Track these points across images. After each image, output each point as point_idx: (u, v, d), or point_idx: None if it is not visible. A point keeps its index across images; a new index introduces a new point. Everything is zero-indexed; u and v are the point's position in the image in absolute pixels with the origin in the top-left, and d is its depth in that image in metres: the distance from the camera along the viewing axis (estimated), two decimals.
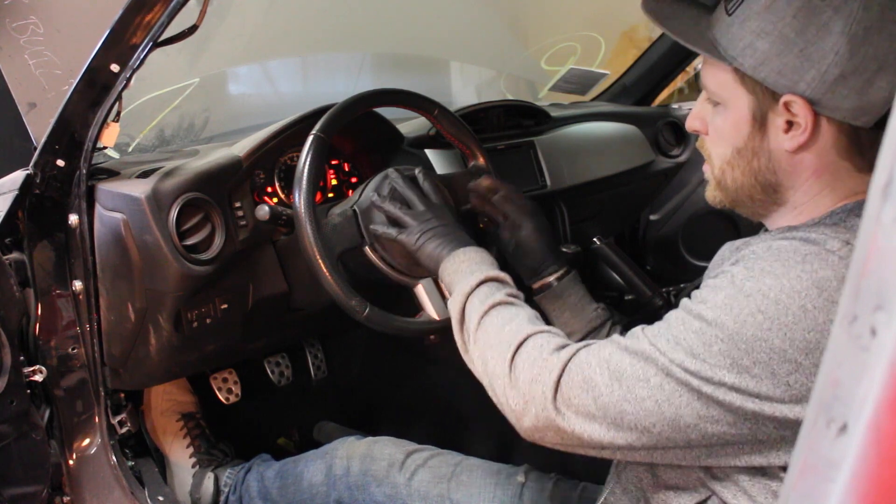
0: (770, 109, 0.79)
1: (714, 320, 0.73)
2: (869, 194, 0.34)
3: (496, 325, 0.88)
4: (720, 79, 0.81)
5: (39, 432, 1.05)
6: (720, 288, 0.75)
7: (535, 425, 0.80)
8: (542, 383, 0.79)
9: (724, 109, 0.83)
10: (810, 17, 0.73)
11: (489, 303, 0.90)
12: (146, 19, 0.97)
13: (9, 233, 1.09)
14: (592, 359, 0.78)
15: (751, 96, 0.79)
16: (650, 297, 1.38)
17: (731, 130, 0.82)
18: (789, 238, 0.76)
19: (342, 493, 1.17)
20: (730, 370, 0.71)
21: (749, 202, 0.86)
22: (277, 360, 1.68)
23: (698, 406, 0.73)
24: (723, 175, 0.86)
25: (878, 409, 0.31)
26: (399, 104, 1.24)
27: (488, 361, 0.86)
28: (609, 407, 0.76)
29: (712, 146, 0.86)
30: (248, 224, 1.18)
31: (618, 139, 1.83)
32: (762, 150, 0.81)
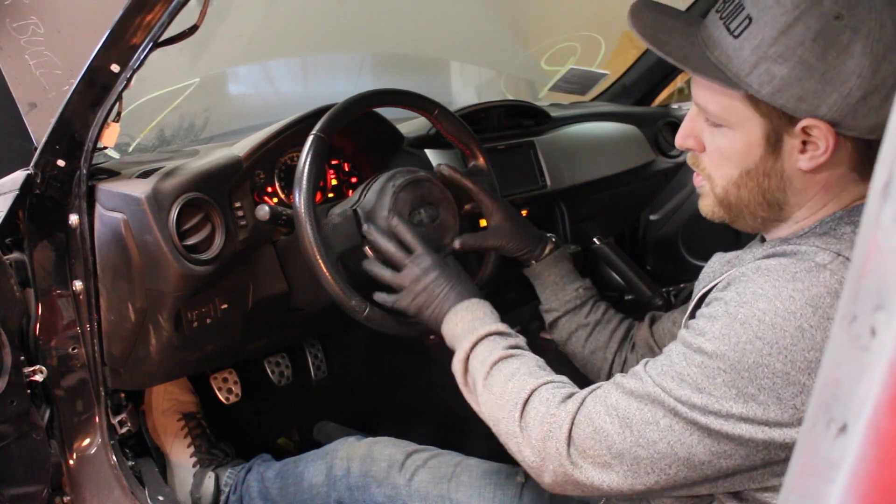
0: (785, 132, 0.76)
1: (714, 352, 0.72)
2: (869, 194, 0.34)
3: (500, 383, 0.87)
4: (725, 103, 0.78)
5: (39, 432, 1.05)
6: (716, 318, 0.75)
7: (555, 480, 0.81)
8: (554, 439, 0.79)
9: (731, 132, 0.80)
10: (830, 39, 0.71)
11: (490, 360, 0.90)
12: (146, 19, 0.97)
13: (9, 233, 1.09)
14: (600, 407, 0.78)
15: (764, 120, 0.77)
16: (650, 297, 1.38)
17: (741, 153, 0.80)
18: (778, 255, 0.75)
19: (342, 493, 1.17)
20: (736, 400, 0.71)
21: (751, 218, 0.85)
22: (277, 360, 1.68)
23: (710, 443, 0.73)
24: (726, 194, 0.84)
25: (877, 410, 0.31)
26: (399, 104, 1.24)
27: (500, 421, 0.86)
28: (624, 454, 0.76)
29: (714, 167, 0.84)
30: (248, 224, 1.18)
31: (618, 139, 1.83)
32: (774, 170, 0.79)
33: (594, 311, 1.17)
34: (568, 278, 1.18)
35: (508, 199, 1.41)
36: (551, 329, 1.21)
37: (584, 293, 1.18)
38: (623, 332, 1.16)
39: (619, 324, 1.17)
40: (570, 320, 1.18)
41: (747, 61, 0.75)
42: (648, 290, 1.39)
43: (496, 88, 2.96)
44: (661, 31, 0.82)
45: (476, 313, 0.99)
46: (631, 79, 2.07)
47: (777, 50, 0.73)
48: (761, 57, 0.73)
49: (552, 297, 1.19)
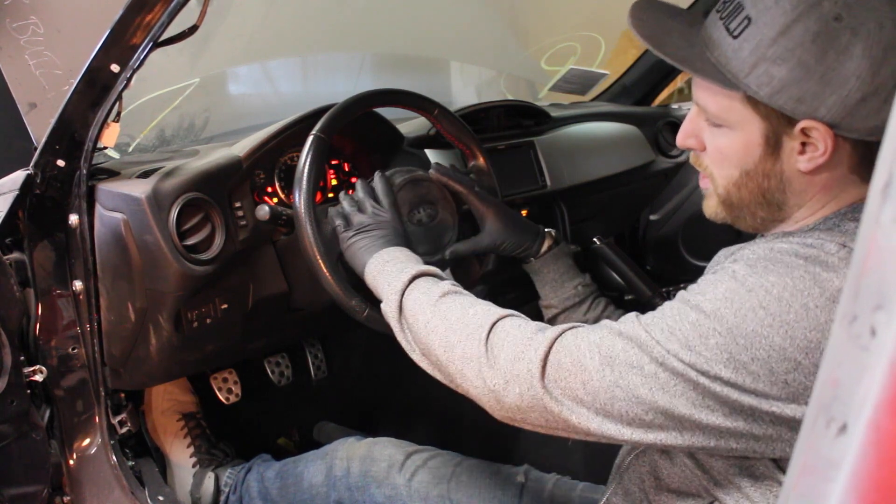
0: (784, 133, 0.76)
1: (713, 312, 0.71)
2: (869, 194, 0.34)
3: (458, 310, 0.84)
4: (725, 104, 0.78)
5: (39, 432, 1.05)
6: (720, 281, 0.74)
7: (518, 405, 0.77)
8: (527, 360, 0.77)
9: (731, 132, 0.80)
10: (829, 41, 0.70)
11: (438, 292, 0.87)
12: (146, 19, 0.97)
13: (9, 233, 1.09)
14: (581, 342, 0.76)
15: (763, 121, 0.77)
16: (650, 297, 1.38)
17: (740, 153, 0.80)
18: (788, 241, 0.76)
19: (342, 493, 1.17)
20: (726, 365, 0.70)
21: (751, 218, 0.85)
22: (277, 360, 1.68)
23: (694, 396, 0.71)
24: (728, 194, 0.84)
25: (877, 409, 0.31)
26: (399, 104, 1.24)
27: (455, 346, 0.82)
28: (599, 392, 0.74)
29: (715, 166, 0.84)
30: (248, 224, 1.18)
31: (618, 139, 1.83)
32: (774, 171, 0.79)
33: (593, 309, 1.17)
34: (567, 275, 1.18)
35: (508, 199, 1.41)
36: (550, 325, 1.21)
37: (584, 290, 1.17)
38: None
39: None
40: (568, 317, 1.17)
41: (746, 62, 0.74)
42: (648, 290, 1.38)
43: (496, 88, 2.96)
44: (660, 32, 0.82)
45: (409, 257, 0.97)
46: (631, 79, 2.07)
47: (776, 51, 0.72)
48: (760, 58, 0.73)
49: (551, 293, 1.18)
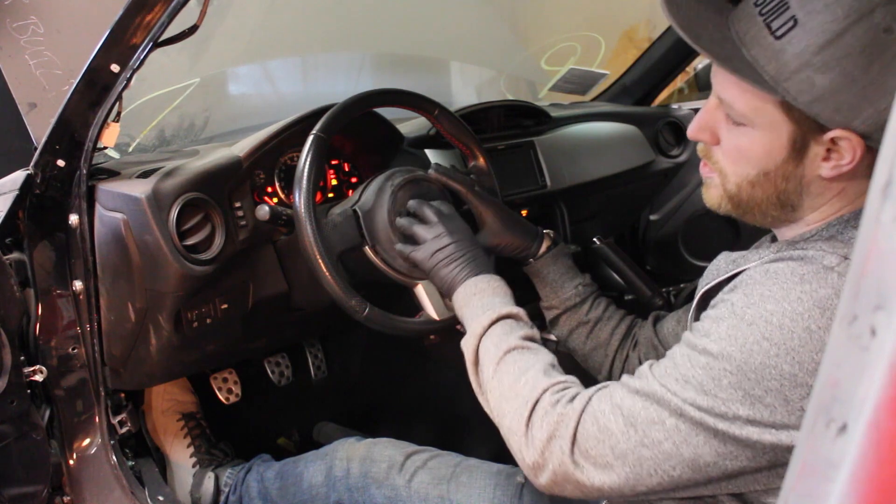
0: (813, 139, 0.75)
1: (720, 353, 0.72)
2: (869, 194, 0.34)
3: (512, 375, 0.86)
4: (755, 105, 0.76)
5: (39, 432, 1.05)
6: (721, 319, 0.74)
7: (554, 480, 0.80)
8: (559, 438, 0.78)
9: (753, 132, 0.78)
10: (877, 53, 0.68)
11: (505, 346, 0.89)
12: (146, 19, 0.97)
13: (9, 233, 1.09)
14: (605, 405, 0.77)
15: (794, 126, 0.75)
16: (650, 297, 1.38)
17: (761, 155, 0.78)
18: (785, 259, 0.75)
19: (342, 494, 1.16)
20: (742, 403, 0.70)
21: (761, 216, 0.84)
22: (277, 360, 1.68)
23: (716, 444, 0.72)
24: (739, 191, 0.82)
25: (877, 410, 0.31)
26: (399, 104, 1.24)
27: (505, 416, 0.84)
28: (627, 454, 0.75)
29: (729, 163, 0.82)
30: (248, 224, 1.18)
31: (618, 139, 1.83)
32: (794, 175, 0.78)
33: (594, 308, 1.17)
34: (567, 275, 1.18)
35: (508, 199, 1.41)
36: (552, 326, 1.21)
37: (584, 290, 1.17)
38: (624, 329, 1.16)
39: (621, 321, 1.17)
40: (570, 318, 1.17)
41: (788, 66, 0.72)
42: (648, 290, 1.38)
43: (496, 88, 2.96)
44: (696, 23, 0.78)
45: (496, 290, 0.98)
46: (631, 79, 2.07)
47: (822, 59, 0.70)
48: (804, 64, 0.71)
49: (552, 294, 1.18)
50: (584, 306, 1.17)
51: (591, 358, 1.18)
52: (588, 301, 1.17)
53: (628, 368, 1.15)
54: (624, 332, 1.16)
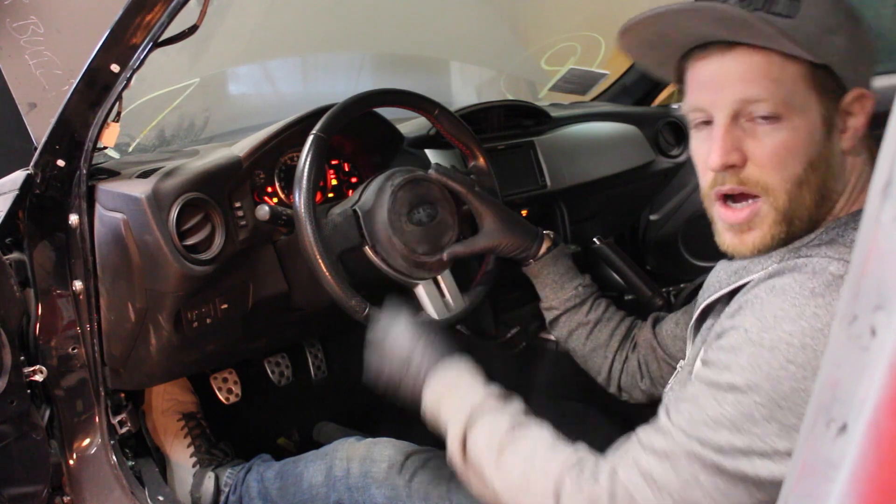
0: (835, 111, 0.76)
1: (747, 385, 0.68)
2: (869, 194, 0.34)
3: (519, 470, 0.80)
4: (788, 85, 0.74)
5: (39, 432, 1.05)
6: (739, 348, 0.70)
7: None
8: None
9: (790, 122, 0.74)
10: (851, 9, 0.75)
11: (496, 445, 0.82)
12: (146, 19, 0.97)
13: (9, 233, 1.09)
14: (635, 477, 0.73)
15: (822, 99, 0.75)
16: (650, 297, 1.38)
17: (805, 142, 0.75)
18: (789, 271, 0.72)
19: (342, 494, 1.16)
20: (779, 435, 0.67)
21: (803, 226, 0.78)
22: (277, 360, 1.68)
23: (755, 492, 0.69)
24: (789, 203, 0.76)
25: (877, 410, 0.31)
26: (399, 104, 1.24)
27: None
28: None
29: (770, 171, 0.76)
30: (248, 224, 1.18)
31: (618, 139, 1.83)
32: (831, 156, 0.76)
33: (594, 309, 1.17)
34: (567, 276, 1.18)
35: (508, 199, 1.41)
36: (551, 327, 1.21)
37: (584, 291, 1.17)
38: (624, 330, 1.16)
39: (620, 322, 1.17)
40: (570, 319, 1.17)
41: (811, 35, 0.73)
42: (648, 291, 1.38)
43: (496, 88, 2.96)
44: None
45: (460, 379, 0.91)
46: (631, 79, 2.07)
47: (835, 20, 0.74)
48: (824, 29, 0.73)
49: (552, 295, 1.18)
50: (584, 307, 1.17)
51: (590, 359, 1.18)
52: (588, 302, 1.17)
53: (627, 370, 1.15)
54: (623, 333, 1.16)
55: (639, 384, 1.14)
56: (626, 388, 1.16)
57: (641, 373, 1.13)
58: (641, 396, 1.15)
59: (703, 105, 0.79)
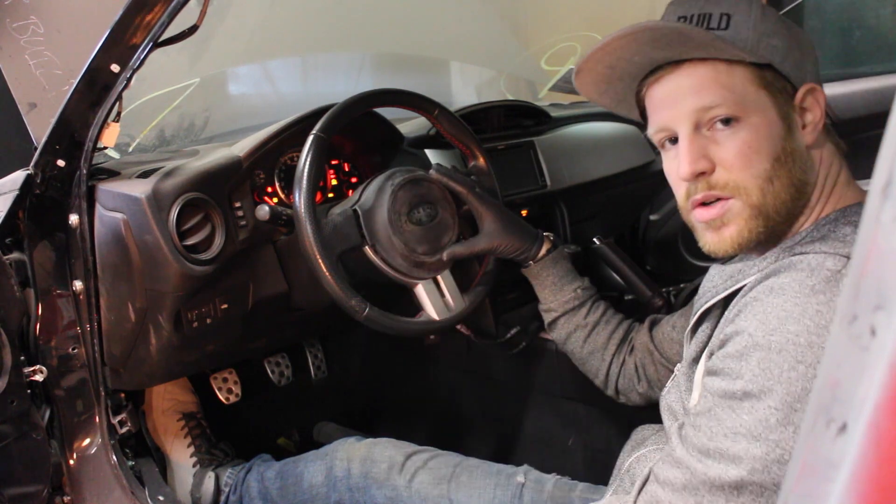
0: (790, 108, 0.79)
1: (760, 391, 0.69)
2: (869, 194, 0.34)
3: None
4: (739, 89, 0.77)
5: (40, 432, 1.05)
6: (746, 354, 0.71)
7: None
8: None
9: (748, 121, 0.77)
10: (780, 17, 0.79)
11: None
12: (146, 19, 0.97)
13: (9, 233, 1.09)
14: None
15: (776, 96, 0.78)
16: (650, 297, 1.38)
17: (766, 139, 0.77)
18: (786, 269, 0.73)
19: (343, 494, 1.16)
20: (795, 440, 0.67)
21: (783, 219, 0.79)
22: (277, 360, 1.68)
23: None
24: (763, 196, 0.78)
25: (877, 410, 0.31)
26: (399, 104, 1.24)
27: None
28: None
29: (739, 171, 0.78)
30: (248, 224, 1.18)
31: (618, 139, 1.83)
32: (795, 150, 0.78)
33: (593, 312, 1.17)
34: (567, 278, 1.18)
35: (508, 199, 1.41)
36: (550, 329, 1.21)
37: (583, 293, 1.17)
38: (622, 333, 1.16)
39: (619, 325, 1.17)
40: (568, 321, 1.17)
41: (749, 39, 0.78)
42: (648, 291, 1.38)
43: (496, 88, 2.96)
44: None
45: None
46: None
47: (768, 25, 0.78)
48: (760, 33, 0.77)
49: (551, 297, 1.18)
50: (582, 309, 1.17)
51: (588, 362, 1.18)
52: (587, 304, 1.17)
53: (624, 373, 1.15)
54: (621, 336, 1.16)
55: (636, 387, 1.14)
56: (624, 390, 1.16)
57: (638, 376, 1.13)
58: (639, 399, 1.15)
59: (665, 123, 0.82)
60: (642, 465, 0.94)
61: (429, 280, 1.18)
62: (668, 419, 0.91)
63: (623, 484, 0.95)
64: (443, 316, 1.18)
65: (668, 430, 0.90)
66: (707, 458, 0.72)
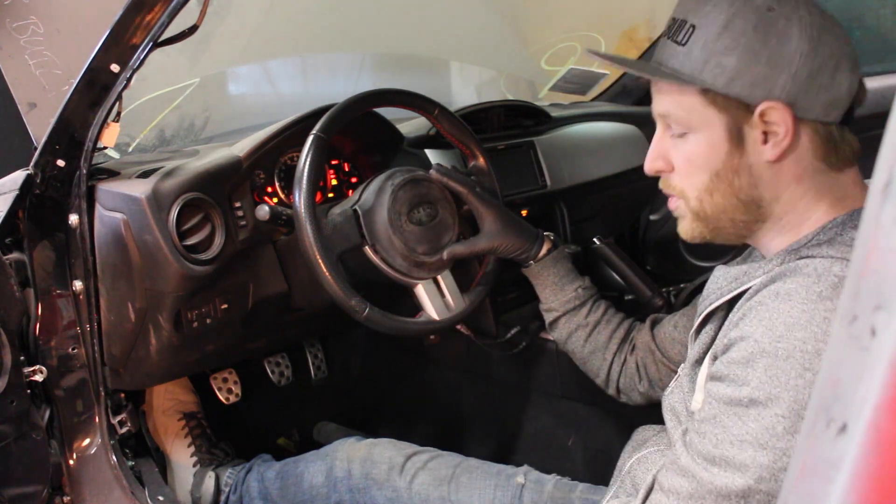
0: (745, 123, 0.78)
1: (768, 398, 0.68)
2: (869, 194, 0.34)
3: None
4: (686, 104, 0.80)
5: (39, 432, 1.05)
6: (752, 361, 0.71)
7: None
8: None
9: (694, 136, 0.81)
10: (768, 27, 0.75)
11: None
12: (146, 19, 0.97)
13: (9, 233, 1.09)
14: None
15: (723, 115, 0.78)
16: (650, 297, 1.38)
17: (707, 154, 0.80)
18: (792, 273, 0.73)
19: (343, 495, 1.16)
20: None
21: (731, 226, 0.83)
22: (277, 360, 1.68)
23: None
24: (701, 204, 0.83)
25: (877, 409, 0.31)
26: (399, 104, 1.24)
27: None
28: None
29: (684, 178, 0.84)
30: (248, 224, 1.18)
31: (618, 139, 1.83)
32: (742, 166, 0.79)
33: (594, 311, 1.17)
34: (567, 278, 1.18)
35: (508, 199, 1.41)
36: (551, 329, 1.21)
37: (584, 293, 1.17)
38: (623, 333, 1.16)
39: (619, 324, 1.17)
40: (569, 320, 1.17)
41: (698, 60, 0.78)
42: (648, 291, 1.38)
43: (496, 88, 2.96)
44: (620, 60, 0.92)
45: None
46: (631, 79, 2.07)
47: (723, 43, 0.76)
48: (710, 52, 0.77)
49: (551, 297, 1.18)
50: (583, 309, 1.17)
51: (589, 361, 1.18)
52: (588, 304, 1.17)
53: (626, 373, 1.15)
54: (622, 336, 1.16)
55: (637, 386, 1.14)
56: (625, 390, 1.16)
57: (640, 375, 1.13)
58: (640, 399, 1.15)
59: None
60: (643, 467, 0.94)
61: (429, 280, 1.18)
62: (671, 420, 0.91)
63: (624, 485, 0.95)
64: (443, 316, 1.18)
65: (672, 433, 0.90)
66: (713, 466, 0.72)
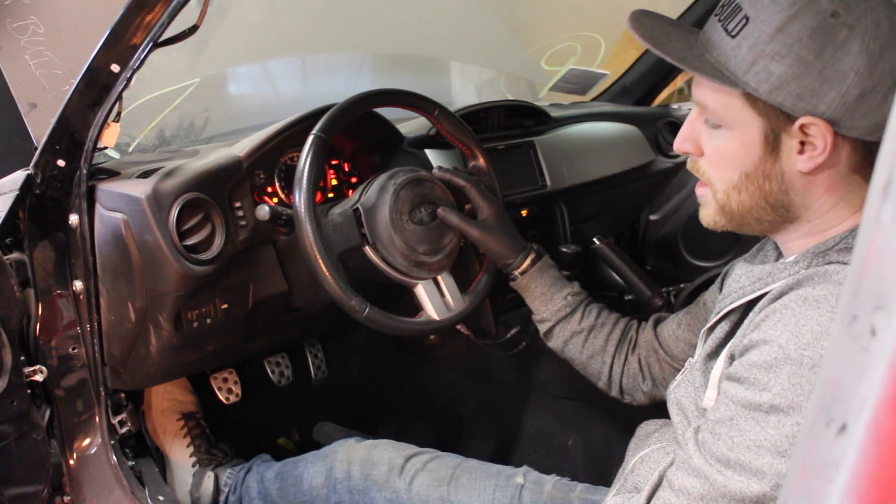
0: (783, 131, 0.75)
1: (789, 407, 0.67)
2: (869, 194, 0.34)
3: None
4: (725, 101, 0.78)
5: (40, 432, 1.05)
6: (776, 367, 0.69)
7: None
8: None
9: (729, 132, 0.79)
10: (827, 37, 0.70)
11: None
12: (146, 19, 0.97)
13: (9, 233, 1.09)
14: None
15: (762, 119, 0.76)
16: (650, 297, 1.38)
17: (739, 154, 0.78)
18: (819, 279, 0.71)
19: (343, 496, 1.16)
20: None
21: (756, 223, 0.82)
22: (277, 360, 1.68)
23: None
24: (728, 199, 0.82)
25: (877, 409, 0.31)
26: (399, 104, 1.24)
27: None
28: None
29: (713, 170, 0.82)
30: (248, 224, 1.18)
31: (618, 139, 1.83)
32: (774, 172, 0.78)
33: (587, 317, 1.16)
34: (555, 287, 1.17)
35: (508, 199, 1.41)
36: (546, 338, 1.20)
37: (574, 299, 1.16)
38: (619, 333, 1.15)
39: (615, 325, 1.16)
40: (563, 328, 1.17)
41: (745, 59, 0.74)
42: (648, 290, 1.38)
43: (496, 88, 2.96)
44: (659, 35, 0.82)
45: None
46: (631, 79, 2.07)
47: (774, 47, 0.72)
48: (758, 55, 0.73)
49: (542, 307, 1.17)
50: (575, 315, 1.16)
51: (589, 366, 1.17)
52: (579, 310, 1.16)
53: (628, 373, 1.14)
54: (619, 336, 1.15)
55: (640, 386, 1.13)
56: (628, 390, 1.16)
57: (643, 374, 1.13)
58: (644, 398, 1.15)
59: None
60: (646, 466, 0.94)
61: (429, 280, 1.18)
62: (678, 415, 0.90)
63: (626, 484, 0.95)
64: (443, 316, 1.18)
65: (678, 429, 0.89)
66: (727, 469, 0.71)
